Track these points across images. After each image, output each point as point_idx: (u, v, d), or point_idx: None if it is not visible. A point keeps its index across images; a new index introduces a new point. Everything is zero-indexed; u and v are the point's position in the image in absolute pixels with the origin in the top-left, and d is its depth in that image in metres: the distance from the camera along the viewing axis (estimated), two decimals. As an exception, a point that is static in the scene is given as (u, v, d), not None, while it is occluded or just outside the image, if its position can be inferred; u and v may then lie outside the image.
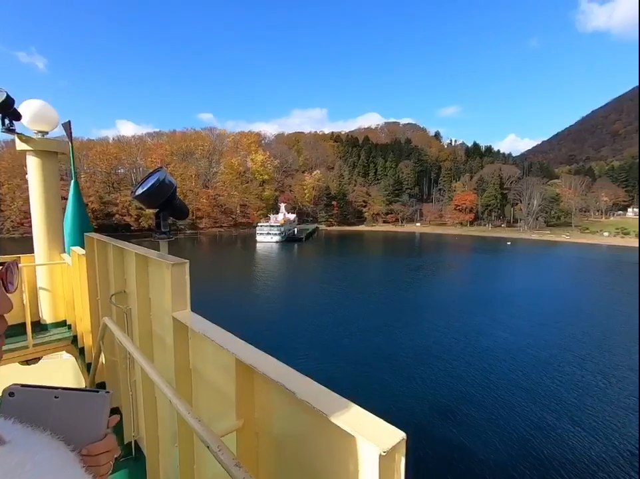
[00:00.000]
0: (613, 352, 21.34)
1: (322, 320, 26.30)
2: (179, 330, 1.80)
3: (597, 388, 17.02)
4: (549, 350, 21.30)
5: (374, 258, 62.74)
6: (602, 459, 12.14)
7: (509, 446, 12.67)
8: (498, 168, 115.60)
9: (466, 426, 13.76)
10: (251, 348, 1.34)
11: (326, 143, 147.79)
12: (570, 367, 19.13)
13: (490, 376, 17.82)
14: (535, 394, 16.28)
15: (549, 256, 68.53)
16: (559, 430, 13.64)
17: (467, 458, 12.04)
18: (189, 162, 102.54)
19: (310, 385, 1.03)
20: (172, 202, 2.14)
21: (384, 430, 0.80)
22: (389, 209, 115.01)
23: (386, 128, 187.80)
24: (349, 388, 15.80)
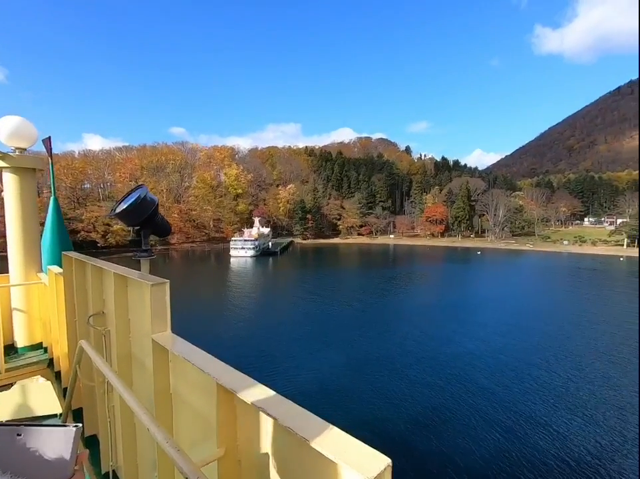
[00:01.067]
0: (577, 353, 22.42)
1: (299, 334, 26.11)
2: (159, 353, 1.73)
3: (565, 389, 17.77)
4: (518, 354, 22.10)
5: (349, 270, 63.23)
6: (575, 459, 12.62)
7: (489, 452, 12.93)
8: (466, 181, 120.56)
9: (446, 434, 13.96)
10: (232, 371, 1.28)
11: (301, 157, 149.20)
12: (538, 370, 19.88)
13: (464, 383, 18.23)
14: (506, 397, 16.78)
15: (516, 264, 71.65)
16: (536, 432, 14.09)
17: (450, 469, 12.15)
18: (160, 177, 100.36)
19: (292, 409, 0.99)
20: (154, 219, 2.10)
21: (369, 455, 0.78)
22: (363, 221, 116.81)
23: (358, 142, 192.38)
24: (327, 404, 15.76)
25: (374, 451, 0.79)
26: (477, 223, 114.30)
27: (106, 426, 2.69)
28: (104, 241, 77.19)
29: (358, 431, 9.61)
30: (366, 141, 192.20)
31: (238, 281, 49.91)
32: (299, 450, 0.92)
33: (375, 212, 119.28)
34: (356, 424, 14.08)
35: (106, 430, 2.71)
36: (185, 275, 55.04)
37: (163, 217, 2.24)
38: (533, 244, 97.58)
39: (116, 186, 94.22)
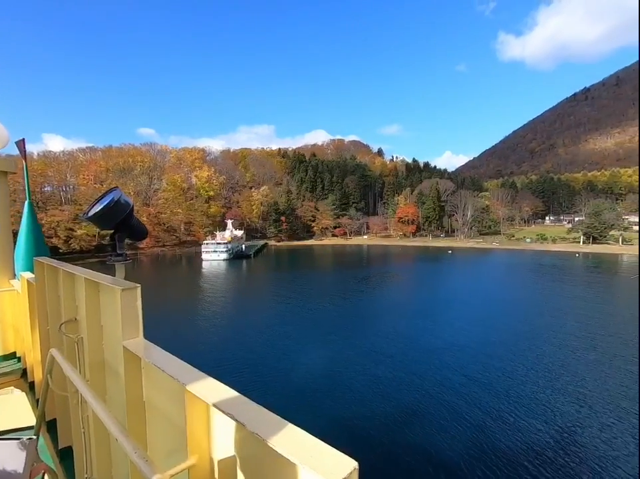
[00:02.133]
0: (540, 345, 23.69)
1: (272, 336, 26.03)
2: (131, 360, 1.68)
3: (527, 378, 18.74)
4: (485, 348, 23.05)
5: (324, 271, 63.58)
6: (540, 445, 13.35)
7: (460, 445, 13.38)
8: (435, 182, 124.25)
9: (417, 430, 14.32)
10: (204, 378, 1.27)
11: (274, 159, 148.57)
12: (504, 362, 20.82)
13: (435, 378, 18.82)
14: (475, 390, 17.48)
15: (484, 262, 74.59)
16: (502, 422, 14.77)
17: (422, 465, 12.45)
18: (127, 179, 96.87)
19: (262, 415, 0.99)
20: (129, 222, 2.07)
21: (335, 459, 0.79)
22: (337, 222, 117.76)
23: (332, 144, 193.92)
24: (300, 405, 15.85)
25: (341, 454, 0.80)
26: (447, 223, 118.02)
27: (80, 438, 2.62)
28: (67, 246, 73.54)
29: (329, 432, 9.91)
30: (339, 143, 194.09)
31: (211, 285, 49.01)
32: (268, 456, 0.92)
33: (349, 213, 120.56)
34: (328, 425, 14.24)
35: (80, 441, 2.63)
36: (155, 279, 53.42)
37: (139, 220, 2.22)
38: (499, 243, 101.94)
39: (79, 189, 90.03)
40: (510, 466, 12.18)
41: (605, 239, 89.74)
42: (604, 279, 50.21)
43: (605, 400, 16.57)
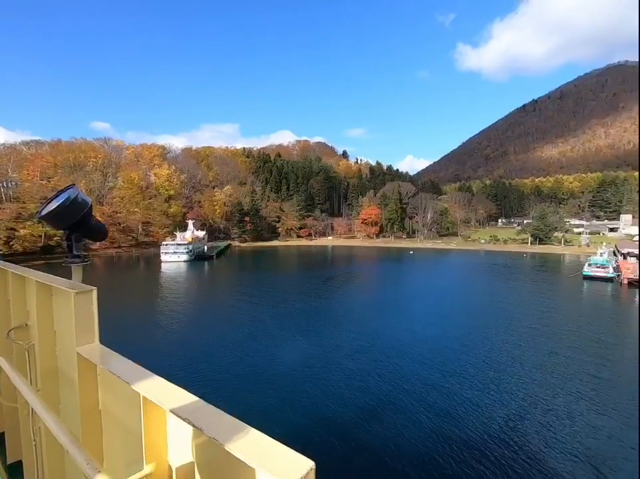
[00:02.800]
0: (492, 338, 25.16)
1: (234, 337, 25.55)
2: (85, 367, 1.61)
3: (481, 369, 19.84)
4: (443, 341, 24.10)
5: (289, 272, 63.42)
6: (496, 432, 14.16)
7: (422, 437, 13.75)
8: (397, 185, 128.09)
9: (377, 425, 14.54)
10: (162, 383, 1.24)
11: (238, 159, 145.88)
12: (460, 354, 21.88)
13: (395, 374, 19.33)
14: (434, 382, 18.21)
15: (443, 262, 77.93)
16: (461, 411, 15.50)
17: (386, 459, 12.69)
18: (78, 176, 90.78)
19: (221, 419, 0.98)
20: (87, 222, 1.96)
21: (292, 460, 0.80)
22: (302, 223, 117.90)
23: (297, 145, 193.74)
24: (260, 407, 15.67)
25: (298, 455, 0.81)
26: (408, 225, 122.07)
27: (31, 451, 2.46)
28: (8, 248, 67.52)
29: (290, 433, 9.90)
30: (305, 144, 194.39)
31: (170, 287, 47.19)
32: (225, 460, 0.91)
33: (314, 214, 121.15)
34: (290, 425, 14.24)
35: (31, 455, 2.48)
36: (109, 282, 50.49)
37: (98, 220, 2.11)
38: (456, 243, 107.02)
39: (23, 185, 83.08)
40: (468, 453, 12.87)
41: (550, 240, 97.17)
42: (548, 277, 54.37)
43: (546, 384, 18.00)
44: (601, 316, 32.73)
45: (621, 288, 44.33)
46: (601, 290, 43.84)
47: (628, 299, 39.96)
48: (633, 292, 42.05)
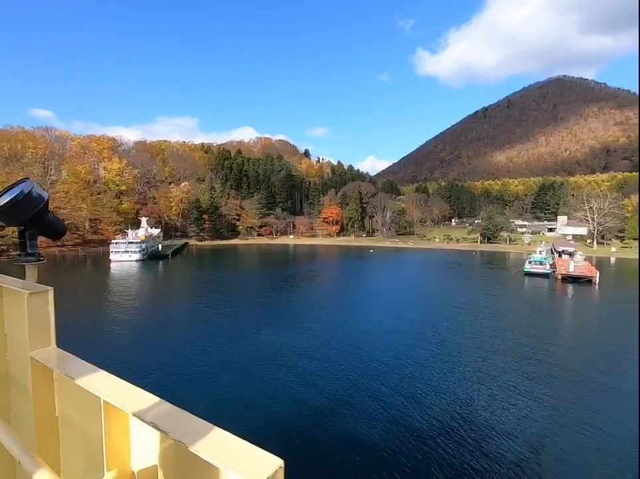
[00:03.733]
0: (443, 331, 26.48)
1: (191, 337, 24.74)
2: (40, 372, 1.52)
3: (437, 361, 20.82)
4: (399, 336, 25.01)
5: (249, 270, 62.44)
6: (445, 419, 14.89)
7: (384, 429, 14.12)
8: (358, 185, 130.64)
9: (343, 420, 14.75)
10: (123, 386, 1.20)
11: (196, 154, 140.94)
12: (414, 348, 22.83)
13: (355, 368, 19.72)
14: (391, 375, 18.82)
15: (400, 260, 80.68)
16: (419, 402, 16.13)
17: (353, 453, 12.82)
18: (14, 168, 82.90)
19: (185, 420, 0.96)
20: (43, 218, 1.85)
21: (260, 459, 0.78)
22: (263, 222, 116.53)
23: (259, 143, 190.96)
24: (223, 406, 15.35)
25: (266, 453, 0.80)
26: (368, 224, 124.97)
27: None
28: None
29: (256, 432, 9.72)
30: (266, 142, 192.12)
31: (121, 289, 44.59)
32: (191, 462, 0.89)
33: (275, 213, 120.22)
34: (253, 424, 14.07)
35: None
36: (50, 285, 46.62)
37: (55, 216, 1.96)
38: (413, 242, 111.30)
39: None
40: (428, 442, 13.48)
41: (497, 239, 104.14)
42: (494, 274, 58.31)
43: (492, 367, 19.34)
44: (538, 307, 35.74)
45: (556, 283, 48.62)
46: (539, 285, 47.78)
47: (561, 292, 43.93)
48: (566, 286, 46.31)
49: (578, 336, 27.91)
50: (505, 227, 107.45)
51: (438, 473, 11.92)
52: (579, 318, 33.59)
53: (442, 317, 31.11)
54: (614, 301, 38.98)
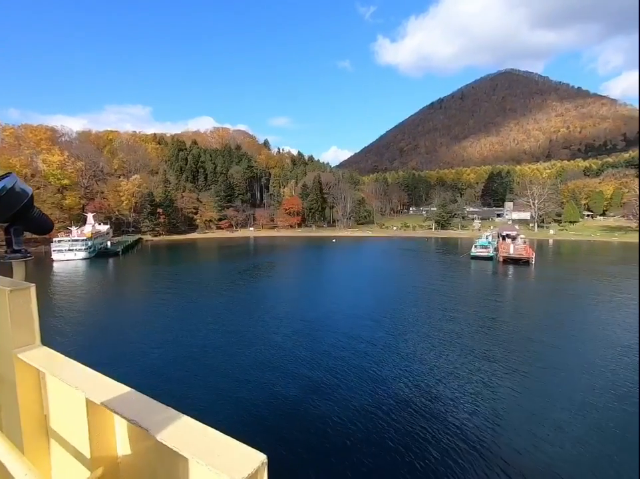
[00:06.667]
0: (401, 314, 27.67)
1: (146, 333, 24.04)
2: (25, 370, 1.51)
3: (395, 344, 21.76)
4: (361, 321, 25.83)
5: (209, 264, 61.16)
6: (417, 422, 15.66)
7: (354, 417, 14.44)
8: (318, 175, 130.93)
9: (320, 411, 14.88)
10: (109, 384, 1.19)
11: (149, 145, 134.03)
12: (373, 332, 23.72)
13: (320, 357, 20.13)
14: (352, 362, 19.46)
15: (361, 249, 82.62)
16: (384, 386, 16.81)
17: (335, 444, 12.91)
18: None
19: (168, 417, 0.95)
20: (28, 214, 1.83)
21: (242, 455, 0.78)
22: (222, 215, 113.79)
23: (215, 133, 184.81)
24: (198, 399, 15.18)
25: (249, 449, 0.79)
26: (329, 214, 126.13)
27: None
28: None
29: (236, 427, 9.68)
30: (223, 132, 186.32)
31: (66, 290, 41.90)
32: (174, 459, 0.89)
33: (235, 205, 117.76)
34: (233, 419, 14.07)
35: None
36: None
37: (41, 211, 1.93)
38: (372, 231, 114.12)
39: None
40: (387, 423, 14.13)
41: (450, 225, 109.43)
42: (445, 258, 61.52)
43: (444, 341, 20.66)
44: (480, 287, 38.40)
45: (498, 265, 52.28)
46: (483, 267, 51.14)
47: (501, 273, 47.37)
48: (507, 267, 49.97)
49: (513, 310, 30.43)
50: (458, 214, 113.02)
51: (408, 451, 12.48)
52: (513, 295, 36.54)
53: (398, 299, 32.98)
54: (546, 278, 42.71)
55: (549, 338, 22.88)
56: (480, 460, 11.88)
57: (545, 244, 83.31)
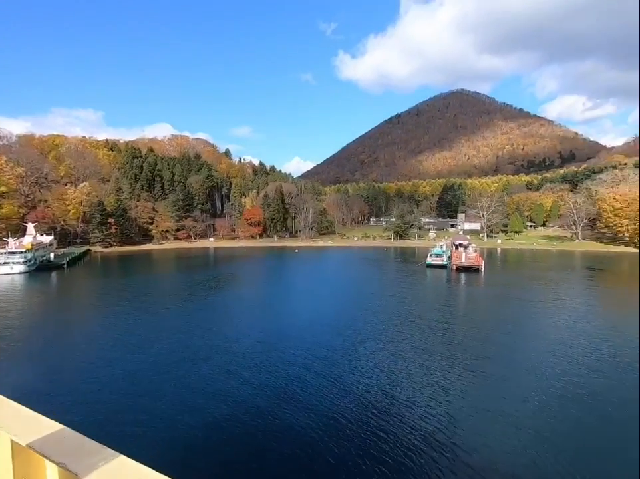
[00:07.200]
0: (359, 319, 28.00)
1: (90, 349, 22.29)
2: None
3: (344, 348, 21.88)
4: (319, 328, 25.76)
5: (164, 276, 58.38)
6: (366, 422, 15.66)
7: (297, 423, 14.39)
8: (280, 185, 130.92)
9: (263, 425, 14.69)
10: (37, 420, 1.08)
11: (100, 151, 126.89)
12: (330, 338, 23.75)
13: (278, 363, 19.81)
14: (309, 368, 19.27)
15: (323, 258, 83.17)
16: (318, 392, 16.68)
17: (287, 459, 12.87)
18: None
19: (102, 458, 0.89)
20: None
21: None
22: (180, 225, 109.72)
23: (174, 140, 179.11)
24: (130, 426, 14.11)
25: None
26: (291, 224, 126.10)
27: None
28: None
29: (185, 457, 8.98)
30: (182, 140, 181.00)
31: (1, 305, 38.05)
32: None
33: (193, 215, 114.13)
34: (181, 449, 13.14)
35: None
36: None
37: None
38: (334, 241, 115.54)
39: None
40: (339, 426, 14.15)
41: (408, 235, 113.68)
42: (403, 267, 63.70)
43: (401, 341, 21.17)
44: (434, 294, 40.15)
45: (452, 272, 55.04)
46: (438, 275, 53.59)
47: (455, 280, 49.90)
48: (459, 275, 52.72)
49: (464, 314, 32.10)
50: (415, 225, 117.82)
51: (368, 456, 12.65)
52: (464, 301, 38.63)
53: (358, 308, 33.70)
54: (494, 284, 45.64)
55: (499, 338, 24.47)
56: (438, 460, 12.37)
57: (494, 252, 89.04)
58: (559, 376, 18.66)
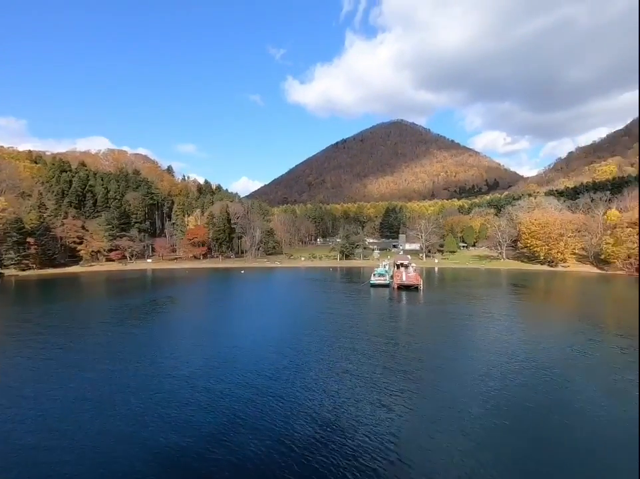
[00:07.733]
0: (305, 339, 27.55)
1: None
2: None
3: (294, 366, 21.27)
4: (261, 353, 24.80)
5: (92, 302, 52.78)
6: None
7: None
8: (226, 205, 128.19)
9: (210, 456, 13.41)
10: None
11: (21, 163, 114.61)
12: (275, 363, 22.96)
13: (218, 389, 18.50)
14: (255, 393, 18.27)
15: (269, 280, 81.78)
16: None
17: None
18: None
19: None
20: None
21: None
22: (114, 245, 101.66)
23: (110, 155, 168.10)
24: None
25: None
26: (237, 245, 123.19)
27: None
28: None
29: None
30: (120, 155, 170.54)
31: None
32: None
33: (130, 234, 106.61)
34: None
35: None
36: None
37: None
38: (280, 262, 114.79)
39: None
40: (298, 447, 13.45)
41: (353, 256, 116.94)
42: (348, 286, 65.05)
43: (345, 367, 21.12)
44: (376, 312, 41.43)
45: (393, 291, 57.40)
46: (381, 294, 55.51)
47: (396, 299, 52.05)
48: (400, 294, 55.15)
49: (405, 330, 33.44)
50: (360, 245, 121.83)
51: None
52: (404, 318, 40.37)
53: (303, 328, 33.24)
54: (432, 302, 48.39)
55: (438, 351, 25.82)
56: (383, 475, 12.45)
57: (432, 271, 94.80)
58: (489, 382, 20.17)
